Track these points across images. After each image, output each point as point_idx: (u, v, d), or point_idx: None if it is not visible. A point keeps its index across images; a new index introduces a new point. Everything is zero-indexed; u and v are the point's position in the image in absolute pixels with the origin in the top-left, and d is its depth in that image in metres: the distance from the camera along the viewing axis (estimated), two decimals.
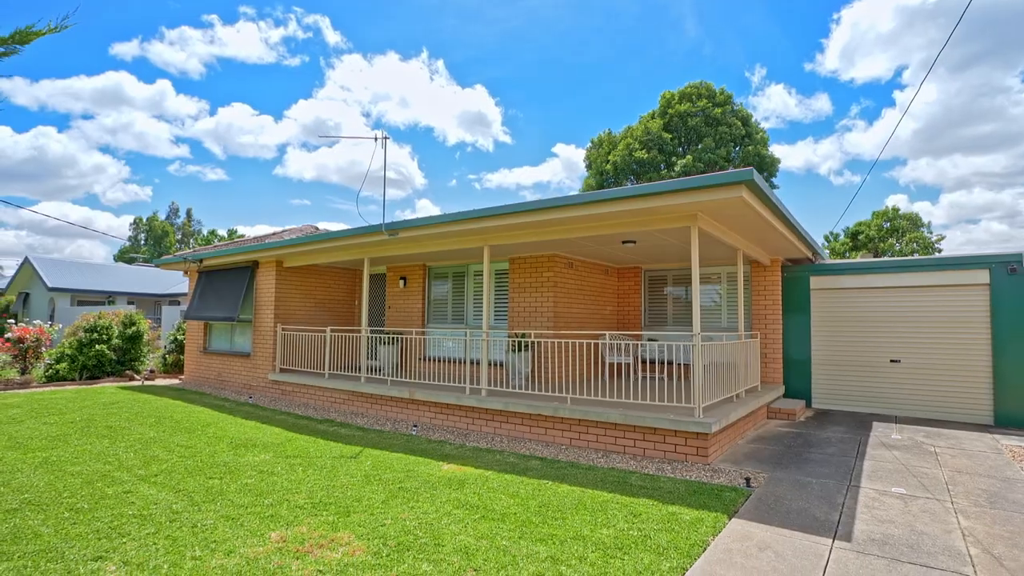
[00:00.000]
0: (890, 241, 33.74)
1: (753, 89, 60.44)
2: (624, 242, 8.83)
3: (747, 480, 5.50)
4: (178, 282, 30.35)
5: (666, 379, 7.51)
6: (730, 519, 4.49)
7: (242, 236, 65.14)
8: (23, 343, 12.96)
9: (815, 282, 10.21)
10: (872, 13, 56.99)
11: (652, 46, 67.30)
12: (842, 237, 36.82)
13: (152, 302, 28.94)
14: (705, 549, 3.90)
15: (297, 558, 3.71)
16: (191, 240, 69.36)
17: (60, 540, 3.93)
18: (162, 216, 69.20)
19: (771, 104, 62.87)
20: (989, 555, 3.85)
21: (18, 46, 2.66)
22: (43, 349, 13.49)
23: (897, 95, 61.09)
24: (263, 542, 3.96)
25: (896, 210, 34.64)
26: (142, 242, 67.17)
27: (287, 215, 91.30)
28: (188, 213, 71.20)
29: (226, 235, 66.19)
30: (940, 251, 34.67)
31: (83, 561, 3.61)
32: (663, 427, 6.40)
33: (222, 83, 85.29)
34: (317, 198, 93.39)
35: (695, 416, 6.29)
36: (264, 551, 3.81)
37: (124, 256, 63.22)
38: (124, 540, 3.95)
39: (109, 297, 27.39)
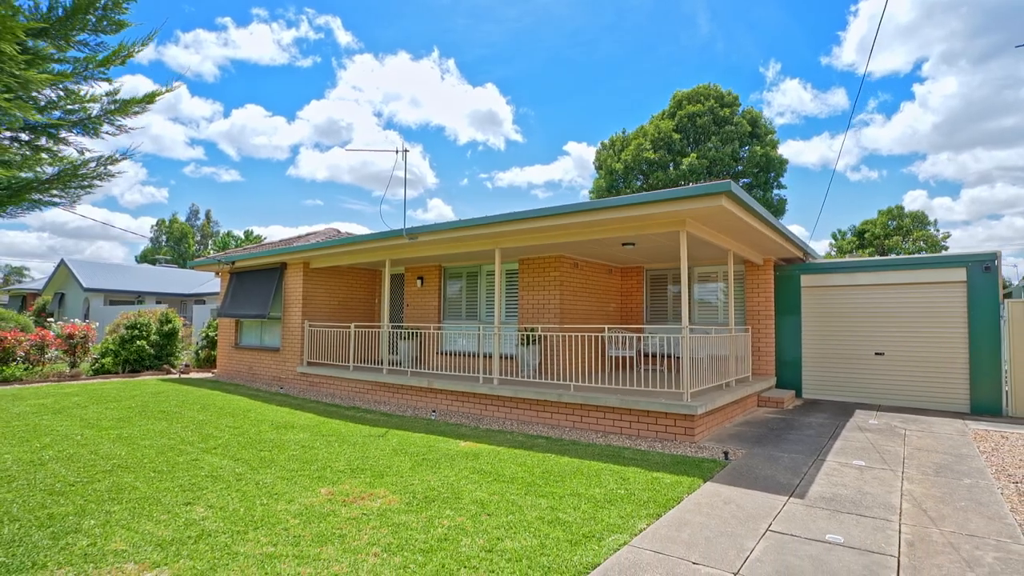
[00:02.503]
0: (896, 239, 34.04)
1: (767, 84, 60.27)
2: (624, 244, 9.60)
3: (725, 454, 6.28)
4: (202, 283, 31.62)
5: (664, 371, 8.29)
6: (705, 482, 5.27)
7: (259, 237, 66.76)
8: (72, 339, 14.07)
9: (806, 280, 10.89)
10: (891, 4, 56.28)
11: (664, 43, 67.43)
12: (849, 236, 37.15)
13: (178, 301, 30.23)
14: (679, 503, 4.70)
15: (344, 505, 4.58)
16: (209, 241, 71.14)
17: (153, 491, 4.85)
18: (182, 218, 71.03)
19: (786, 99, 62.65)
20: (918, 508, 4.61)
21: (148, 104, 3.55)
22: (90, 345, 14.61)
23: (917, 88, 60.59)
24: (315, 495, 4.84)
25: (901, 208, 34.92)
26: (162, 243, 69.05)
27: (300, 216, 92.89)
28: (207, 215, 73.03)
29: (243, 236, 67.85)
30: (947, 248, 34.85)
31: (177, 505, 4.51)
32: (655, 410, 7.19)
33: (236, 85, 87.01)
34: (329, 198, 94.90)
35: (683, 400, 7.07)
36: (317, 501, 4.68)
37: (145, 258, 65.15)
38: (203, 492, 4.86)
39: (139, 297, 28.72)
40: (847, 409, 9.47)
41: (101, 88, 3.50)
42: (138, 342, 14.91)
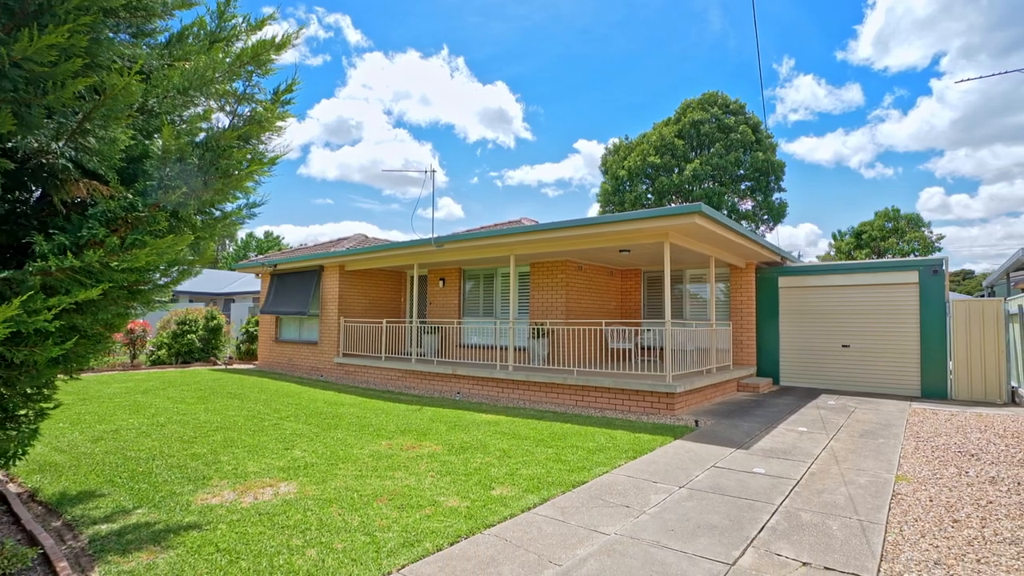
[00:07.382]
0: (891, 240, 35.23)
1: (780, 81, 60.43)
2: (621, 250, 11.12)
3: (696, 422, 7.80)
4: (231, 282, 33.53)
5: (656, 360, 9.79)
6: (675, 440, 6.80)
7: (278, 238, 68.90)
8: (133, 333, 15.86)
9: (783, 281, 12.34)
10: None
11: (675, 40, 67.83)
12: (848, 236, 38.35)
13: (210, 300, 32.14)
14: (652, 451, 6.24)
15: (402, 451, 6.17)
16: (227, 241, 73.45)
17: (257, 442, 6.48)
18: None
19: (799, 96, 62.39)
20: (831, 455, 6.10)
21: (271, 166, 5.12)
22: (147, 339, 16.40)
23: (934, 83, 60.46)
24: (378, 445, 6.44)
25: (897, 210, 36.12)
26: None
27: (310, 215, 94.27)
28: None
29: (262, 237, 70.11)
30: (940, 249, 35.98)
31: (278, 451, 6.14)
32: (643, 389, 8.72)
33: None
34: (340, 197, 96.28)
35: (666, 381, 8.59)
36: (381, 448, 6.28)
37: None
38: (295, 442, 6.48)
39: (172, 296, 30.61)
40: (814, 393, 10.92)
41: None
42: (188, 336, 16.68)
